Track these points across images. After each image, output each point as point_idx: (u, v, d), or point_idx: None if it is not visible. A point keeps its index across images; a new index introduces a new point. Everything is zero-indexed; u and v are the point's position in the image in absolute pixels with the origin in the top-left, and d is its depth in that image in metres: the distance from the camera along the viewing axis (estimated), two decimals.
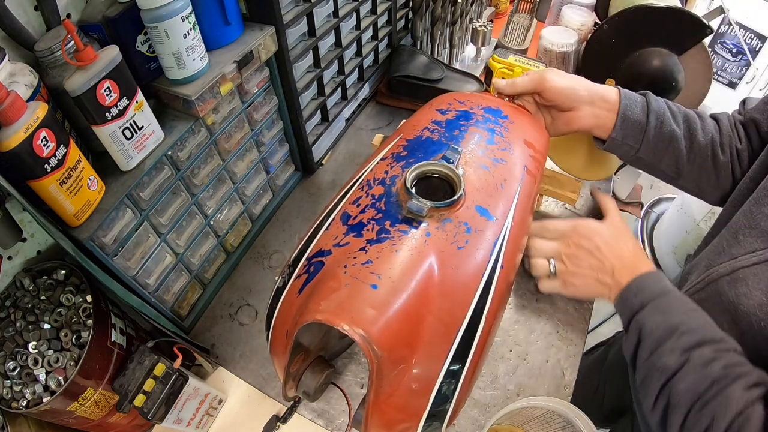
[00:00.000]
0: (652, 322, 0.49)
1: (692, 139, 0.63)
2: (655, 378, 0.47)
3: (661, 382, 0.46)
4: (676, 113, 0.64)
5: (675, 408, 0.45)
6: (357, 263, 0.40)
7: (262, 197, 0.81)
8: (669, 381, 0.46)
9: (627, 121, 0.63)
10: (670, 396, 0.45)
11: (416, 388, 0.40)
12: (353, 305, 0.37)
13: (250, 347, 0.68)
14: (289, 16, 0.66)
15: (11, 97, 0.39)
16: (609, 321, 1.60)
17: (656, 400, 0.47)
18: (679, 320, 0.48)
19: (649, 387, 0.48)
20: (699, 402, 0.43)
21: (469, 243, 0.43)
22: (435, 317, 0.40)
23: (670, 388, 0.45)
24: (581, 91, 0.63)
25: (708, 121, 0.64)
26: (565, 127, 0.66)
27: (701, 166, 0.63)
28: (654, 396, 0.47)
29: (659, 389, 0.46)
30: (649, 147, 0.63)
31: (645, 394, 0.49)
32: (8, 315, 0.51)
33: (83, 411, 0.50)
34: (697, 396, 0.43)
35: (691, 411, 0.43)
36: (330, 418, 0.60)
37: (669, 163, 0.64)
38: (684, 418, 0.44)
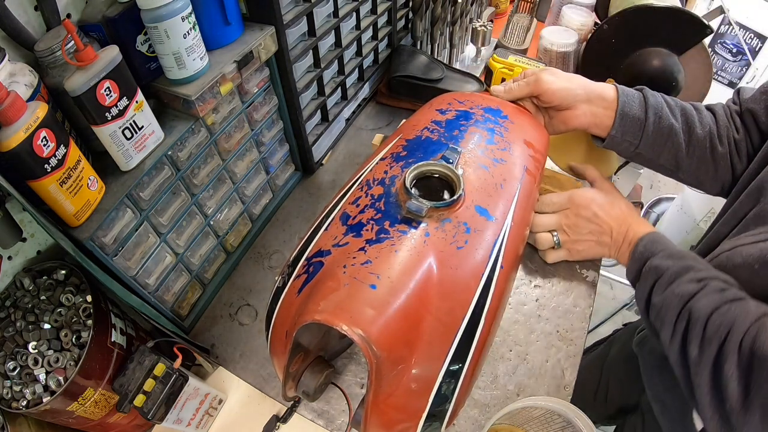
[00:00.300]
0: (667, 263, 0.53)
1: (690, 132, 0.63)
2: (674, 304, 0.49)
3: (680, 306, 0.49)
4: (673, 107, 0.64)
5: (695, 324, 0.46)
6: (356, 263, 0.40)
7: (262, 197, 0.81)
8: (688, 303, 0.48)
9: (626, 118, 0.63)
10: (690, 315, 0.47)
11: (415, 388, 0.40)
12: (352, 305, 0.37)
13: (250, 347, 0.68)
14: (289, 16, 0.66)
15: (11, 97, 0.39)
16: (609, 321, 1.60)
17: (675, 326, 0.49)
18: (693, 263, 0.52)
19: (666, 316, 0.50)
20: (717, 312, 0.45)
21: (469, 243, 0.43)
22: (434, 317, 0.40)
23: (690, 309, 0.48)
24: (578, 90, 0.63)
25: (705, 113, 0.65)
26: (562, 125, 0.66)
27: (700, 158, 0.64)
28: (672, 322, 0.49)
29: (678, 313, 0.49)
30: (649, 142, 0.63)
31: (662, 326, 0.51)
32: (8, 315, 0.51)
33: (83, 411, 0.50)
34: (716, 306, 0.46)
35: (710, 321, 0.45)
36: (330, 418, 0.60)
37: (668, 157, 0.65)
38: (704, 329, 0.45)
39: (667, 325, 0.50)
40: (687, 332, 0.47)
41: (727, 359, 0.42)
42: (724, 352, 0.43)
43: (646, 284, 0.54)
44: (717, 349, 0.43)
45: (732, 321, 0.44)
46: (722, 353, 0.43)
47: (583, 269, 0.72)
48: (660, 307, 0.51)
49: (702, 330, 0.45)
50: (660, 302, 0.51)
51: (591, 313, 0.69)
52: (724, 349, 0.43)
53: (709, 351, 0.44)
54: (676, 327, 0.48)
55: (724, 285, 0.48)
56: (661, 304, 0.51)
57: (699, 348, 0.45)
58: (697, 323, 0.46)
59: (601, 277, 0.75)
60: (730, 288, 0.48)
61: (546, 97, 0.64)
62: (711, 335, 0.44)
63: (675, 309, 0.49)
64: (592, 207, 0.64)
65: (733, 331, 0.43)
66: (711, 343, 0.44)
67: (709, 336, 0.45)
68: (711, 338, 0.44)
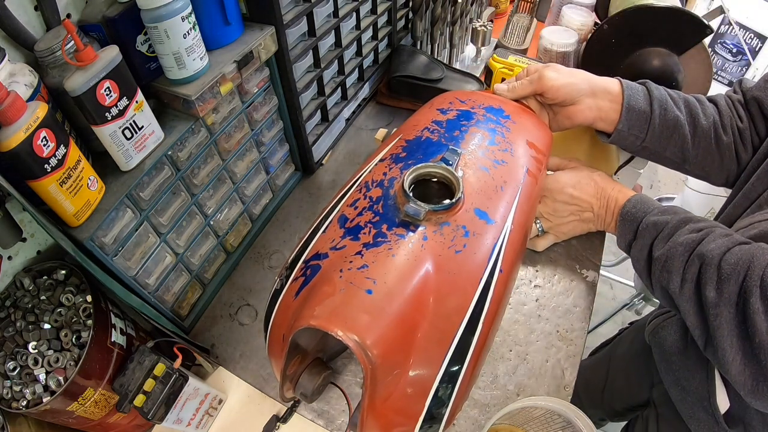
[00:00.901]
0: (664, 218, 0.54)
1: (695, 123, 0.63)
2: (680, 252, 0.49)
3: (687, 253, 0.48)
4: (676, 99, 0.64)
5: (707, 266, 0.46)
6: (353, 267, 0.40)
7: (262, 197, 0.81)
8: (695, 249, 0.48)
9: (632, 111, 0.63)
10: (701, 259, 0.47)
11: (412, 392, 0.40)
12: (347, 311, 0.37)
13: (250, 347, 0.68)
14: (289, 16, 0.66)
15: (11, 97, 0.39)
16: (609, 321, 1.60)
17: (684, 273, 0.48)
18: (690, 215, 0.52)
19: (673, 266, 0.50)
20: (730, 253, 0.45)
21: (467, 247, 0.43)
22: (431, 323, 0.40)
23: (699, 253, 0.47)
24: (582, 84, 0.63)
25: (707, 104, 0.65)
26: (567, 121, 0.66)
27: (705, 149, 0.64)
28: (681, 270, 0.49)
29: (686, 260, 0.48)
30: (655, 135, 0.64)
31: (669, 277, 0.50)
32: (8, 315, 0.51)
33: (83, 411, 0.50)
34: (728, 248, 0.45)
35: (724, 261, 0.44)
36: (330, 418, 0.60)
37: (674, 150, 0.65)
38: (718, 269, 0.45)
39: (675, 274, 0.49)
40: (700, 276, 0.46)
41: (752, 294, 0.41)
42: (746, 287, 0.42)
43: (645, 241, 0.54)
44: (738, 286, 0.43)
45: (750, 258, 0.43)
46: (744, 289, 0.42)
47: (583, 269, 0.72)
48: (665, 260, 0.51)
49: (716, 271, 0.45)
50: (664, 254, 0.51)
51: (591, 313, 0.69)
52: (745, 285, 0.42)
53: (728, 289, 0.43)
54: (685, 274, 0.48)
55: (728, 231, 0.48)
56: (666, 256, 0.50)
57: (716, 289, 0.44)
58: (711, 265, 0.45)
59: (601, 277, 0.75)
60: (734, 234, 0.47)
61: (550, 93, 0.63)
62: (728, 274, 0.43)
63: (682, 257, 0.48)
64: (567, 190, 0.66)
65: (753, 267, 0.42)
66: (729, 282, 0.43)
67: (726, 275, 0.44)
68: (729, 277, 0.43)
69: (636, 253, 0.56)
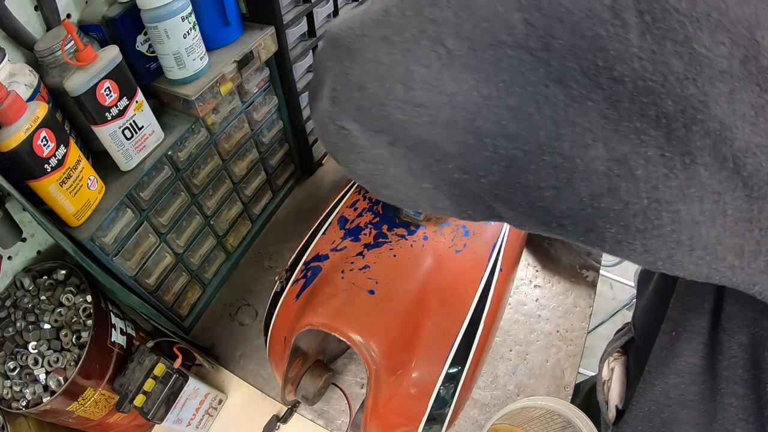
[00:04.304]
0: None
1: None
2: None
3: None
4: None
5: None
6: (354, 268, 0.40)
7: (262, 197, 0.81)
8: None
9: None
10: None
11: (415, 392, 0.40)
12: (350, 311, 0.37)
13: (250, 347, 0.68)
14: (289, 16, 0.65)
15: (11, 97, 0.39)
16: (609, 321, 1.60)
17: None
18: None
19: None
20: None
21: (468, 246, 0.43)
22: (433, 322, 0.40)
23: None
24: None
25: None
26: None
27: None
28: None
29: None
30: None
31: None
32: (8, 315, 0.51)
33: (83, 411, 0.50)
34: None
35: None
36: (330, 418, 0.60)
37: None
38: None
39: None
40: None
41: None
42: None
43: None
44: None
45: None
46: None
47: (583, 269, 0.72)
48: None
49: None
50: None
51: (591, 313, 0.69)
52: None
53: None
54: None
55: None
56: None
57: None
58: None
59: (601, 277, 0.75)
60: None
61: None
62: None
63: None
64: None
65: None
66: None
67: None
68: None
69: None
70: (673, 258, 0.22)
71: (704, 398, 0.39)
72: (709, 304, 0.37)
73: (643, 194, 0.21)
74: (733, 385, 0.36)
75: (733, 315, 0.34)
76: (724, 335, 0.35)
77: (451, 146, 0.23)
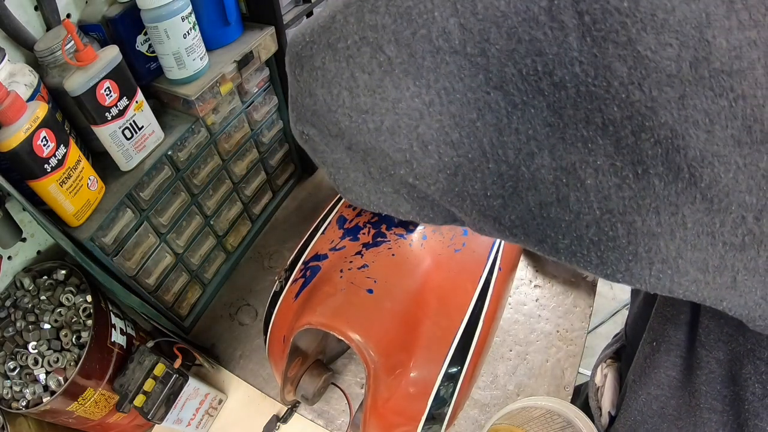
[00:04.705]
0: None
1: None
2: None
3: None
4: None
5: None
6: (353, 267, 0.40)
7: (262, 197, 0.81)
8: None
9: None
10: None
11: (414, 391, 0.40)
12: (349, 310, 0.37)
13: (250, 347, 0.68)
14: (289, 16, 0.66)
15: (11, 97, 0.39)
16: (609, 321, 1.60)
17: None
18: None
19: None
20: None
21: (466, 246, 0.43)
22: (432, 321, 0.40)
23: None
24: None
25: None
26: None
27: None
28: None
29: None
30: None
31: None
32: (8, 315, 0.51)
33: (83, 411, 0.50)
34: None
35: None
36: (330, 418, 0.60)
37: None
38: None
39: None
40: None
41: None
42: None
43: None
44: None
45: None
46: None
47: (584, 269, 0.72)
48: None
49: None
50: None
51: (591, 313, 0.69)
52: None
53: None
54: None
55: None
56: None
57: None
58: None
59: None
60: None
61: None
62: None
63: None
64: None
65: None
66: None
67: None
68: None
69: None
70: (632, 271, 0.21)
71: (682, 413, 0.38)
72: (686, 316, 0.36)
73: (594, 204, 0.20)
74: (711, 400, 0.35)
75: (710, 330, 0.33)
76: (702, 350, 0.34)
77: (397, 153, 0.23)
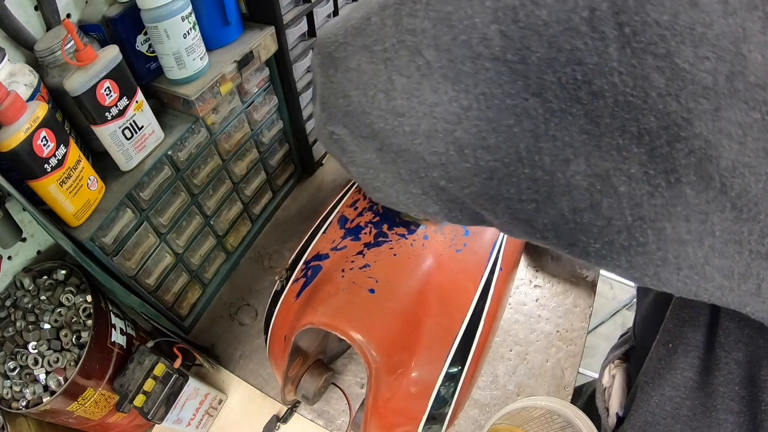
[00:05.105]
0: None
1: None
2: None
3: None
4: None
5: None
6: (354, 267, 0.40)
7: (262, 197, 0.81)
8: None
9: None
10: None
11: (415, 391, 0.40)
12: (350, 310, 0.37)
13: (250, 347, 0.68)
14: (289, 16, 0.65)
15: (11, 97, 0.39)
16: (609, 321, 1.60)
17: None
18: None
19: None
20: None
21: (468, 246, 0.43)
22: (433, 321, 0.40)
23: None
24: None
25: None
26: None
27: None
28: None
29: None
30: None
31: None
32: (8, 315, 0.51)
33: (83, 411, 0.50)
34: None
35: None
36: (330, 418, 0.60)
37: None
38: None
39: None
40: None
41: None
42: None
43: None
44: None
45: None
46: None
47: (583, 269, 0.72)
48: None
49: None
50: None
51: (591, 313, 0.69)
52: None
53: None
54: None
55: None
56: None
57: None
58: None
59: (601, 277, 0.75)
60: None
61: None
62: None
63: None
64: None
65: None
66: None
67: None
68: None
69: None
70: (660, 275, 0.21)
71: (697, 414, 0.38)
72: (706, 318, 0.36)
73: (626, 211, 0.20)
74: (728, 401, 0.35)
75: (729, 331, 0.34)
76: (721, 351, 0.35)
77: (432, 156, 0.23)
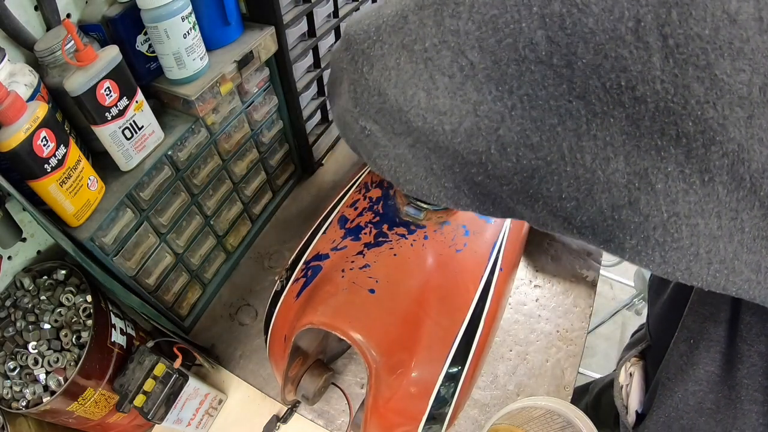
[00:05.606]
0: None
1: None
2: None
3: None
4: None
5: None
6: (355, 267, 0.40)
7: (262, 197, 0.81)
8: None
9: None
10: None
11: (415, 391, 0.40)
12: (351, 310, 0.37)
13: (250, 347, 0.68)
14: (289, 16, 0.65)
15: (11, 97, 0.39)
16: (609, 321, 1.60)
17: None
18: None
19: None
20: None
21: (468, 246, 0.43)
22: (433, 321, 0.40)
23: None
24: None
25: None
26: None
27: None
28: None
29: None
30: None
31: None
32: (8, 315, 0.51)
33: (83, 411, 0.50)
34: None
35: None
36: (330, 418, 0.60)
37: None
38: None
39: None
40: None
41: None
42: None
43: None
44: None
45: None
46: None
47: (583, 269, 0.72)
48: None
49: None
50: None
51: (591, 313, 0.69)
52: None
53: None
54: None
55: None
56: None
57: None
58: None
59: (601, 277, 0.75)
60: None
61: None
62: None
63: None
64: None
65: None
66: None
67: None
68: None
69: None
70: (692, 270, 0.22)
71: (721, 406, 0.39)
72: (726, 314, 0.37)
73: (663, 207, 0.21)
74: (753, 392, 0.36)
75: (752, 325, 0.35)
76: (743, 345, 0.36)
77: (472, 155, 0.23)
